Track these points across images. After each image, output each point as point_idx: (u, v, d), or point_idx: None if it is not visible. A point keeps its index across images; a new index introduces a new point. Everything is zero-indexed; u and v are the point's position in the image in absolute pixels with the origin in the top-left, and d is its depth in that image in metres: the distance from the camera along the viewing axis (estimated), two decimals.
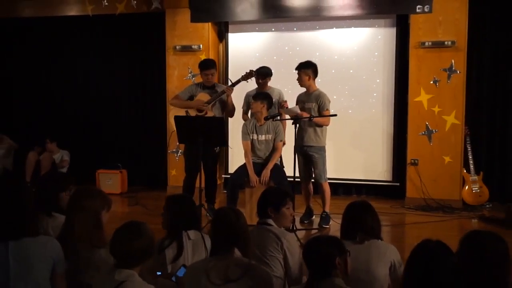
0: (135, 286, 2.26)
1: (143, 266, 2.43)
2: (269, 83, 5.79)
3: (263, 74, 5.67)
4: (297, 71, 5.30)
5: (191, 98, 5.64)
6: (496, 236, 2.24)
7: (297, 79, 5.32)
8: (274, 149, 5.30)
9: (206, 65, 5.56)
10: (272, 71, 5.83)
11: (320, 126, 5.29)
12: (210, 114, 5.49)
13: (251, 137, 5.33)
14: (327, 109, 5.27)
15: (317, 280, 2.38)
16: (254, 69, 5.65)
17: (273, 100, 5.69)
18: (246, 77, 5.58)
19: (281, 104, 5.49)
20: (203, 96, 5.57)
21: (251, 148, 5.35)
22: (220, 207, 3.14)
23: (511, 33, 6.23)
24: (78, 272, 2.67)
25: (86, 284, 2.59)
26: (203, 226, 4.42)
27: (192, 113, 5.54)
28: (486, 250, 2.15)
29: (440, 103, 6.16)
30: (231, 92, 5.51)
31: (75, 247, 2.69)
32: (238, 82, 5.57)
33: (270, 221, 3.08)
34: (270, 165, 5.21)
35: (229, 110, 5.69)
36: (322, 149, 5.35)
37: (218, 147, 5.69)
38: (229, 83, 5.61)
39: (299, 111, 5.13)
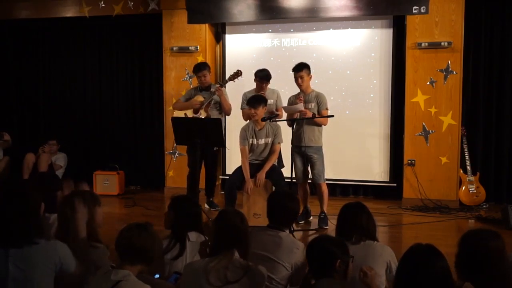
0: (130, 286, 2.27)
1: (145, 268, 2.44)
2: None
3: (261, 77, 5.83)
4: (298, 72, 5.25)
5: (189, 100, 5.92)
6: (493, 233, 2.29)
7: (299, 81, 5.26)
8: (272, 151, 5.30)
9: (198, 68, 5.85)
10: (269, 71, 5.90)
11: (319, 125, 5.31)
12: (203, 115, 5.72)
13: (251, 142, 5.32)
14: (327, 108, 5.30)
15: (314, 278, 2.39)
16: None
17: (272, 101, 5.77)
18: (233, 77, 5.88)
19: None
20: (199, 99, 5.85)
21: (250, 150, 5.35)
22: (223, 208, 3.15)
23: (507, 34, 6.26)
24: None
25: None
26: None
27: (189, 115, 5.79)
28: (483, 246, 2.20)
29: (436, 104, 6.18)
30: (221, 92, 5.70)
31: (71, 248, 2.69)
32: (225, 82, 5.89)
33: (285, 229, 3.14)
34: (266, 167, 5.20)
35: (225, 110, 5.87)
36: (320, 149, 5.37)
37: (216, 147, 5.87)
38: (218, 85, 5.80)
39: (302, 108, 5.13)
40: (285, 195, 3.32)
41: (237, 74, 5.86)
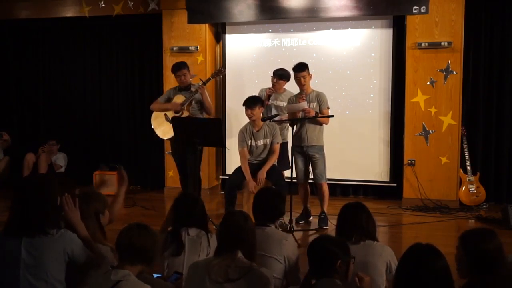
0: (130, 286, 2.28)
1: (145, 268, 2.45)
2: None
3: (278, 75, 5.79)
4: (300, 72, 5.23)
5: (168, 101, 5.82)
6: (490, 232, 2.30)
7: (302, 81, 5.24)
8: (271, 151, 5.28)
9: (178, 67, 5.75)
10: (287, 71, 5.81)
11: (321, 124, 5.31)
12: (185, 114, 5.62)
13: (249, 144, 5.30)
14: (328, 107, 5.31)
15: (314, 278, 2.39)
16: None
17: (284, 104, 5.75)
18: (216, 74, 5.88)
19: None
20: (179, 98, 5.74)
21: (249, 152, 5.34)
22: (230, 210, 3.19)
23: (507, 34, 6.25)
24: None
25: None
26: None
27: (170, 115, 5.69)
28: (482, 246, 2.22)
29: (436, 104, 6.18)
30: (204, 90, 5.64)
31: None
32: (208, 80, 5.79)
33: (271, 225, 3.17)
34: (266, 167, 5.19)
35: (206, 108, 5.76)
36: (322, 149, 5.37)
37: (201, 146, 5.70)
38: (201, 83, 5.70)
39: (306, 106, 5.13)
40: (270, 193, 3.42)
41: (220, 72, 5.89)
